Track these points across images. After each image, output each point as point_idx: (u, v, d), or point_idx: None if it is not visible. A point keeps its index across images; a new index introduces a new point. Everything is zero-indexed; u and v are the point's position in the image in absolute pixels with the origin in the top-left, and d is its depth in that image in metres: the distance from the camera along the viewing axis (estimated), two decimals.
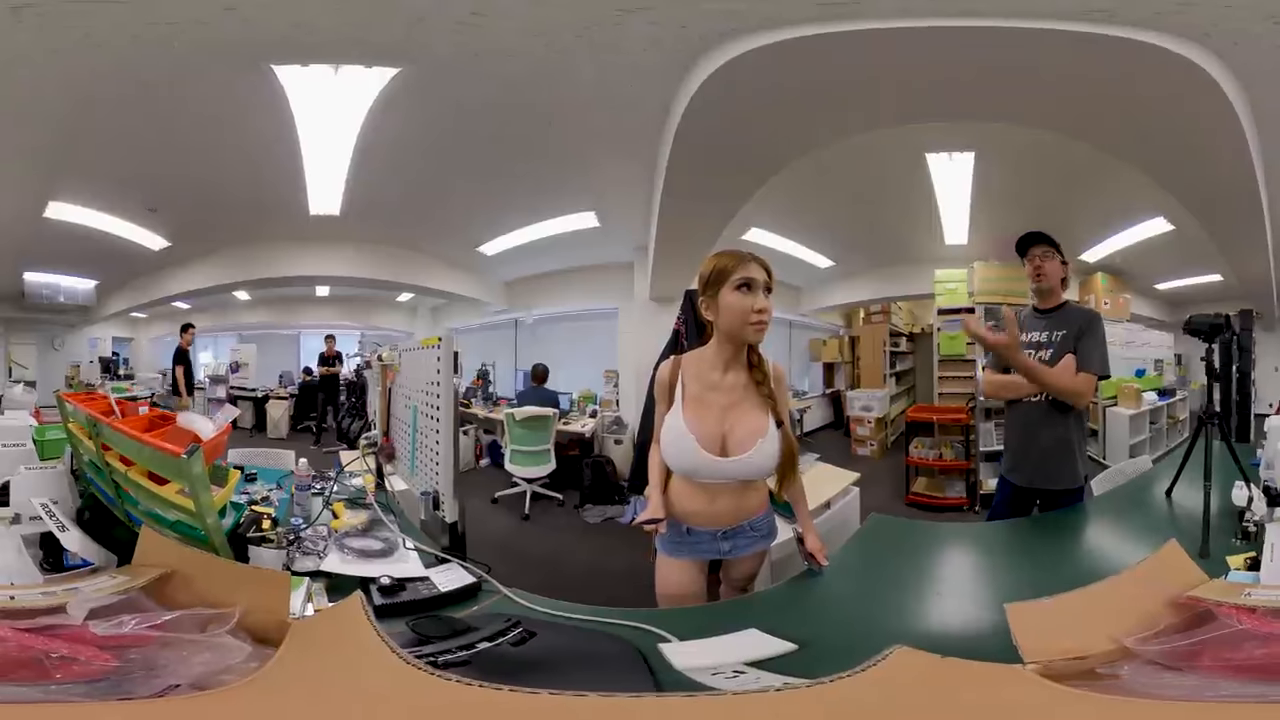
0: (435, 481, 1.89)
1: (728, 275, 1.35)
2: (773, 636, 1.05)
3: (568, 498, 4.27)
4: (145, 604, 0.84)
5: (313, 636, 0.79)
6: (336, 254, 4.68)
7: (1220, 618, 0.77)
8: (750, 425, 1.39)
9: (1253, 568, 1.18)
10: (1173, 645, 0.73)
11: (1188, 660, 0.72)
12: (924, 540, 1.76)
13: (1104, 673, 0.73)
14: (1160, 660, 0.72)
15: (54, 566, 1.26)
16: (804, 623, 1.17)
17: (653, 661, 0.97)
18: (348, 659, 0.74)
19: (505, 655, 0.90)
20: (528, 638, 0.93)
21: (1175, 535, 1.00)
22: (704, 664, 0.96)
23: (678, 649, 1.02)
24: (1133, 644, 0.75)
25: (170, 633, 0.75)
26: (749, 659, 0.97)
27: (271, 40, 2.38)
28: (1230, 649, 0.72)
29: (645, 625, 1.11)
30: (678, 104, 2.61)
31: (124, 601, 0.82)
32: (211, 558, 1.04)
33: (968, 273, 4.48)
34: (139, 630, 0.74)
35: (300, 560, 1.37)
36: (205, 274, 5.03)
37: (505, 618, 0.97)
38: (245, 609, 0.82)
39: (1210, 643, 0.73)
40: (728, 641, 1.06)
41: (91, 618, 0.76)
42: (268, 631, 0.80)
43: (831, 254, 4.84)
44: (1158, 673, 0.71)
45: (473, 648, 0.89)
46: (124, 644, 0.72)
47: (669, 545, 1.48)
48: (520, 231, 4.36)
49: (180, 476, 1.19)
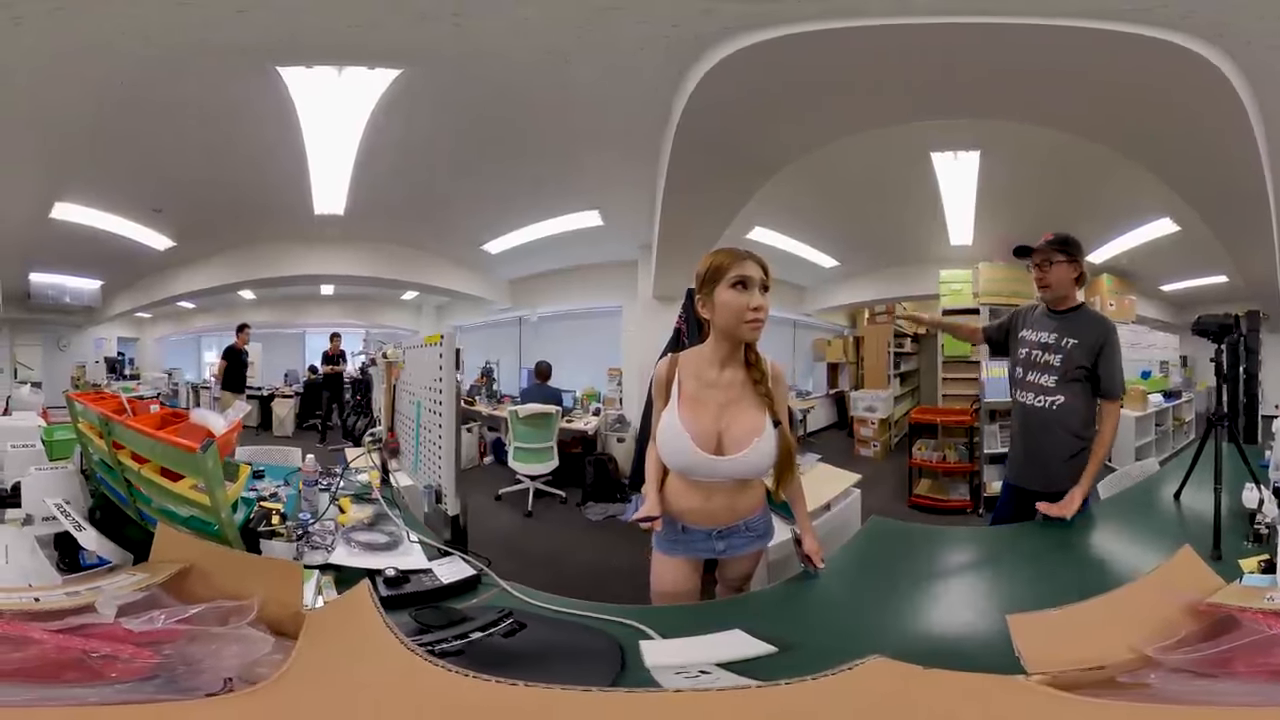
0: (438, 476, 1.93)
1: (724, 273, 1.34)
2: (755, 638, 1.04)
3: (570, 495, 4.27)
4: (166, 600, 0.84)
5: (328, 628, 0.81)
6: (341, 253, 4.70)
7: (1245, 624, 0.75)
8: (747, 424, 1.38)
9: (1267, 570, 1.16)
10: (1201, 653, 0.72)
11: (1221, 667, 0.70)
12: (923, 544, 1.71)
13: (1128, 681, 0.71)
14: (1190, 668, 0.71)
15: (70, 567, 1.25)
16: (794, 625, 1.16)
17: (631, 658, 0.98)
18: (360, 650, 0.76)
19: (495, 646, 0.93)
20: (518, 629, 0.96)
21: (1185, 539, 1.00)
22: (673, 662, 0.95)
23: (655, 647, 1.02)
24: (1155, 652, 0.73)
25: (196, 626, 0.76)
26: (726, 659, 0.96)
27: (277, 42, 2.39)
28: (1263, 654, 0.70)
29: (632, 622, 1.11)
30: (678, 101, 2.61)
31: (147, 598, 0.83)
32: (228, 551, 1.05)
33: (973, 273, 4.46)
34: (169, 625, 0.74)
35: (309, 554, 1.39)
36: (210, 274, 5.05)
37: (499, 609, 1.00)
38: (263, 600, 0.83)
39: (1242, 649, 0.72)
40: (708, 641, 1.05)
41: (121, 615, 0.76)
42: (283, 623, 0.81)
43: (836, 254, 4.83)
44: (1190, 680, 0.69)
45: (466, 637, 0.92)
46: (158, 640, 0.73)
47: (664, 543, 1.47)
48: (524, 230, 4.38)
49: (195, 472, 1.19)
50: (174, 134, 3.10)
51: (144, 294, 5.48)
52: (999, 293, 4.26)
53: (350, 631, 0.80)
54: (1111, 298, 4.69)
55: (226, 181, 3.68)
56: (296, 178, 3.50)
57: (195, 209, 4.10)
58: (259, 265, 4.85)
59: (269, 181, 3.65)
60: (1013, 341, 2.05)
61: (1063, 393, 1.88)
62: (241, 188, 3.77)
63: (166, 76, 2.54)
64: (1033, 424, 1.94)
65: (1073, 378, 1.86)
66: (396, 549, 1.48)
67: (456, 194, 3.92)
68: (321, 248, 4.61)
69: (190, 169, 3.51)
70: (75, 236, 4.15)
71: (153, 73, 2.50)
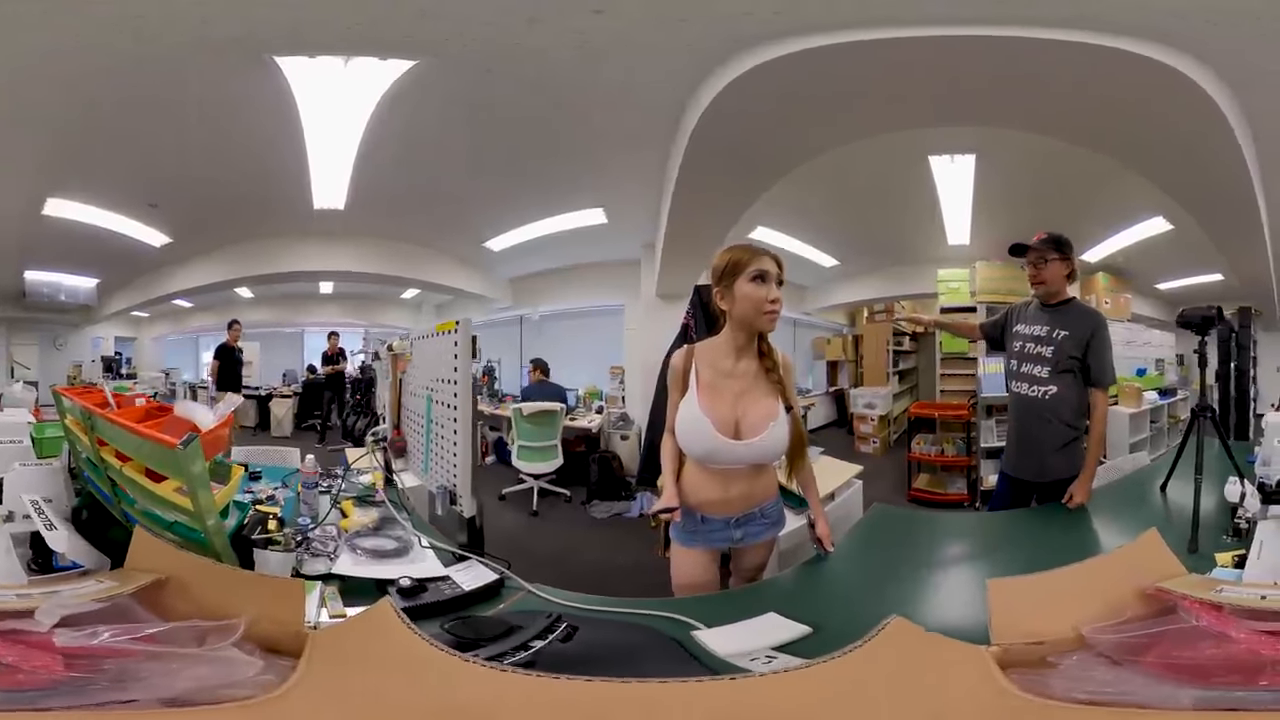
0: (452, 476, 1.85)
1: (743, 267, 1.42)
2: (790, 620, 1.09)
3: (574, 494, 4.28)
4: (138, 612, 0.77)
5: (343, 646, 0.74)
6: (340, 249, 4.67)
7: (1182, 612, 0.73)
8: (762, 409, 1.44)
9: (1240, 565, 1.13)
10: (1128, 637, 0.70)
11: (1134, 655, 0.68)
12: (923, 528, 1.83)
13: (1053, 662, 0.70)
14: (1110, 653, 0.69)
15: (42, 568, 1.19)
16: (814, 606, 1.21)
17: (689, 649, 1.00)
18: (386, 661, 0.71)
19: (558, 652, 0.90)
20: (573, 633, 0.94)
21: (1166, 529, 1.00)
22: (737, 650, 0.98)
23: (708, 635, 1.05)
24: (1089, 633, 0.72)
25: (160, 645, 0.69)
26: (773, 643, 1.00)
27: (277, 33, 2.37)
28: (1182, 646, 0.67)
29: (672, 614, 1.14)
30: (696, 105, 2.63)
31: (110, 608, 0.75)
32: (211, 564, 0.95)
33: (969, 272, 4.52)
34: (115, 642, 0.67)
35: (310, 563, 1.30)
36: (208, 270, 5.01)
37: (545, 615, 0.98)
38: (252, 619, 0.75)
39: (1163, 637, 0.69)
40: (752, 626, 1.09)
41: (63, 625, 0.70)
42: (279, 642, 0.74)
43: (836, 253, 4.87)
44: (1089, 668, 0.67)
45: (529, 648, 0.88)
46: (94, 655, 0.66)
47: (683, 535, 1.50)
48: (527, 228, 4.36)
49: (177, 472, 1.09)
50: (170, 128, 3.05)
51: (141, 292, 5.42)
52: (995, 290, 4.32)
53: (373, 645, 0.73)
54: (1107, 295, 4.76)
55: (224, 176, 3.63)
56: (296, 172, 3.46)
57: (192, 204, 4.04)
58: (257, 261, 4.81)
59: (268, 175, 3.60)
60: (1008, 337, 2.13)
61: (1055, 383, 1.96)
62: (240, 182, 3.72)
63: (162, 69, 2.50)
64: (1027, 414, 2.02)
65: (1065, 368, 1.94)
66: (407, 555, 1.41)
67: (461, 190, 3.90)
68: (321, 244, 4.58)
69: (187, 163, 3.45)
70: (70, 233, 4.09)
71: (148, 65, 2.46)
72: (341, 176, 3.54)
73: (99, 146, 3.26)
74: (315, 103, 2.85)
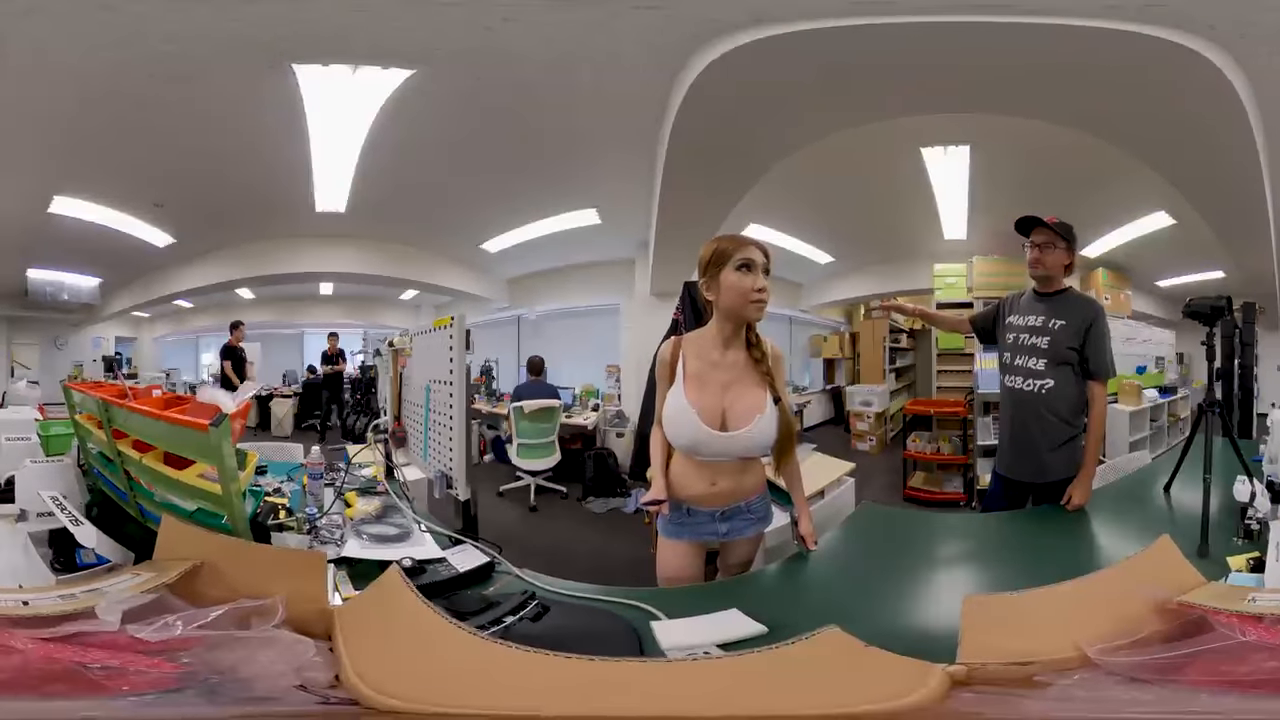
0: (449, 461, 1.94)
1: (729, 256, 1.40)
2: (749, 618, 1.09)
3: (571, 490, 4.29)
4: (175, 602, 0.77)
5: (369, 623, 0.76)
6: (341, 251, 4.71)
7: (1219, 627, 0.68)
8: (749, 401, 1.42)
9: (1256, 569, 1.08)
10: (1154, 656, 0.65)
11: (1164, 674, 0.63)
12: (911, 529, 1.77)
13: (1043, 681, 0.66)
14: (1126, 673, 0.64)
15: (66, 566, 1.18)
16: (786, 606, 1.20)
17: (642, 638, 1.03)
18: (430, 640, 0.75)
19: (526, 630, 0.97)
20: (543, 612, 1.01)
21: (1172, 532, 0.91)
22: (682, 644, 1.00)
23: (663, 627, 1.07)
24: (1096, 652, 0.67)
25: (216, 631, 0.69)
26: (722, 639, 1.01)
27: (285, 40, 2.41)
28: (1231, 661, 0.63)
29: (639, 603, 1.16)
30: (674, 100, 2.64)
31: (155, 601, 0.75)
32: (244, 544, 0.96)
33: (966, 267, 4.49)
34: (191, 632, 0.67)
35: (318, 548, 1.38)
36: (209, 271, 5.05)
37: (522, 591, 1.05)
38: (287, 598, 0.76)
39: (1204, 655, 0.65)
40: (709, 621, 1.09)
41: (126, 621, 0.69)
42: (306, 622, 0.75)
43: (831, 249, 4.86)
44: (1098, 687, 0.63)
45: (501, 622, 0.96)
46: (169, 648, 0.65)
47: (669, 527, 1.50)
48: (523, 229, 4.40)
49: (205, 454, 1.11)
50: (176, 128, 3.10)
51: (142, 292, 5.47)
52: (992, 285, 4.28)
53: (403, 626, 0.75)
54: (1107, 292, 4.72)
55: (230, 177, 3.69)
56: (299, 174, 3.51)
57: (197, 205, 4.09)
58: (259, 262, 4.85)
59: (273, 178, 3.66)
60: (1000, 329, 2.06)
61: (1052, 376, 1.87)
62: (245, 184, 3.78)
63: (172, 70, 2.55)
64: (1021, 409, 1.94)
65: (1062, 360, 1.86)
66: (408, 540, 1.49)
67: (458, 192, 3.94)
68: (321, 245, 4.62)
69: (193, 164, 3.51)
70: (74, 232, 4.13)
71: (156, 66, 2.51)
72: (343, 180, 3.58)
73: (108, 144, 3.29)
74: (321, 108, 2.90)
